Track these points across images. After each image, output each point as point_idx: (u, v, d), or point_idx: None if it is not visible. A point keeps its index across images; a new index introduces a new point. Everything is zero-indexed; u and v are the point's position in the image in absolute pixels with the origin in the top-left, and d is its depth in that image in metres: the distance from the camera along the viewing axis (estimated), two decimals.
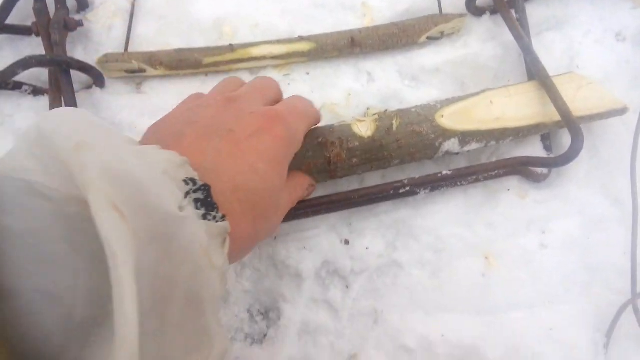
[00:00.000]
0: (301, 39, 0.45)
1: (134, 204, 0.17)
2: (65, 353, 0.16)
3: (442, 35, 0.48)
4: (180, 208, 0.21)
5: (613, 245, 0.44)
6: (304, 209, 0.40)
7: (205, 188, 0.23)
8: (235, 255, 0.27)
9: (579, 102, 0.43)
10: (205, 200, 0.23)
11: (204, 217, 0.22)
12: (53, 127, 0.19)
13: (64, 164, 0.18)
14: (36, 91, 0.44)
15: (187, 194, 0.22)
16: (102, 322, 0.16)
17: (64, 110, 0.22)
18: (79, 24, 0.43)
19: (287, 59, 0.45)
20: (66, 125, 0.19)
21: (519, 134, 0.43)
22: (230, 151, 0.27)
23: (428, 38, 0.48)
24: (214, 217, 0.23)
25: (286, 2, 0.48)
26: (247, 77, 0.46)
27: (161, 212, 0.19)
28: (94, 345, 0.16)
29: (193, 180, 0.22)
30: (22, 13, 0.44)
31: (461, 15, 0.48)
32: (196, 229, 0.21)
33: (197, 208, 0.22)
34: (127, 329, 0.15)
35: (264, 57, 0.44)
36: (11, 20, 0.43)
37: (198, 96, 0.34)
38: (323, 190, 0.43)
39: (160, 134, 0.28)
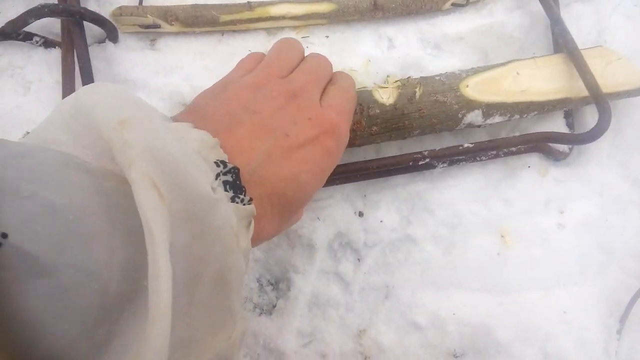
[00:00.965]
0: None
1: (172, 184, 0.18)
2: (99, 328, 0.15)
3: (467, 2, 0.46)
4: (213, 189, 0.21)
5: (631, 228, 0.43)
6: None
7: (235, 171, 0.23)
8: (255, 246, 0.27)
9: (607, 78, 0.41)
10: (234, 183, 0.23)
11: (232, 199, 0.22)
12: (93, 102, 0.19)
13: (104, 140, 0.18)
14: (47, 43, 0.41)
15: (217, 175, 0.22)
16: (134, 298, 0.16)
17: (103, 86, 0.21)
18: None
19: (306, 20, 0.43)
20: (107, 100, 0.19)
21: (544, 108, 0.41)
22: (280, 157, 0.26)
23: (453, 4, 0.45)
24: (242, 200, 0.23)
25: None
26: (264, 37, 0.44)
27: (196, 193, 0.19)
28: (127, 321, 0.16)
29: (224, 163, 0.22)
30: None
31: None
32: (227, 211, 0.21)
33: (226, 190, 0.22)
34: (161, 308, 0.15)
35: (282, 17, 0.42)
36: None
37: (259, 69, 0.32)
38: None
39: (214, 110, 0.27)
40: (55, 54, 0.42)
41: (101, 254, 0.16)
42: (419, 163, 0.40)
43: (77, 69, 0.40)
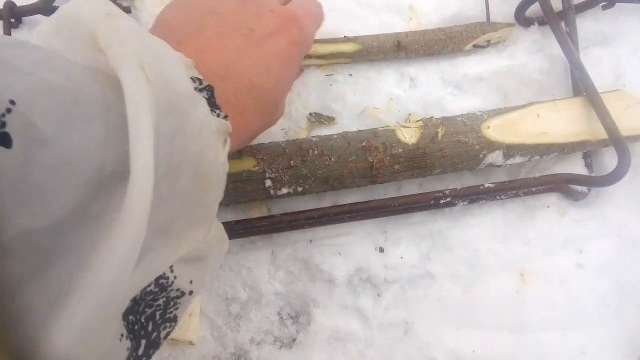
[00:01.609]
0: (347, 39, 0.44)
1: (157, 75, 0.18)
2: (95, 201, 0.16)
3: (488, 43, 0.47)
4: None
5: None
6: (341, 214, 0.39)
7: (210, 89, 0.23)
8: (240, 145, 0.29)
9: (626, 121, 0.42)
10: (210, 100, 0.23)
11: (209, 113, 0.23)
12: (79, 4, 0.20)
13: (91, 33, 0.19)
14: None
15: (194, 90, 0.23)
16: (127, 177, 0.16)
17: None
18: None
19: (331, 59, 0.44)
20: (94, 2, 0.20)
21: (563, 149, 0.42)
22: (249, 50, 0.27)
23: (474, 46, 0.46)
24: (218, 115, 0.23)
25: (332, 0, 0.47)
26: None
27: (180, 88, 0.20)
28: (120, 196, 0.16)
29: (199, 80, 0.23)
30: None
31: (509, 25, 0.47)
32: (207, 111, 0.22)
33: None
34: (142, 169, 0.16)
35: (309, 56, 0.43)
36: None
37: None
38: (360, 194, 0.42)
39: (180, 19, 0.28)
40: None
41: (98, 132, 0.16)
42: (441, 202, 0.40)
43: None
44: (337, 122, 0.44)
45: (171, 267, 0.21)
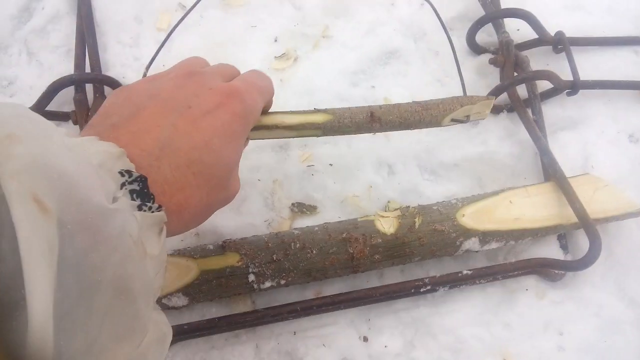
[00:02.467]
0: (317, 110, 0.42)
1: (62, 196, 0.18)
2: None
3: (467, 118, 0.45)
4: (115, 199, 0.21)
5: (629, 349, 0.43)
6: (324, 305, 0.40)
7: (141, 179, 0.23)
8: (189, 222, 0.28)
9: (595, 204, 0.44)
10: (141, 191, 0.23)
11: (140, 207, 0.23)
12: None
13: None
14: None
15: (122, 185, 0.22)
16: (23, 306, 0.16)
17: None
18: None
19: (300, 131, 0.41)
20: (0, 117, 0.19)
21: (537, 234, 0.43)
22: (186, 128, 0.27)
23: (452, 120, 0.44)
24: (150, 208, 0.23)
25: (312, 95, 0.50)
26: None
27: (90, 205, 0.19)
28: (17, 328, 0.16)
29: (129, 172, 0.23)
30: (60, 99, 0.46)
31: (487, 98, 0.44)
32: (126, 220, 0.21)
33: (132, 199, 0.23)
34: (38, 310, 0.16)
35: (276, 127, 0.40)
36: (50, 106, 0.45)
37: (160, 72, 0.34)
38: (342, 283, 0.43)
39: (119, 104, 0.29)
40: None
41: None
42: (421, 290, 0.41)
43: None
44: (319, 211, 0.45)
45: None
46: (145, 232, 0.23)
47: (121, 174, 0.23)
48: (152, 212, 0.24)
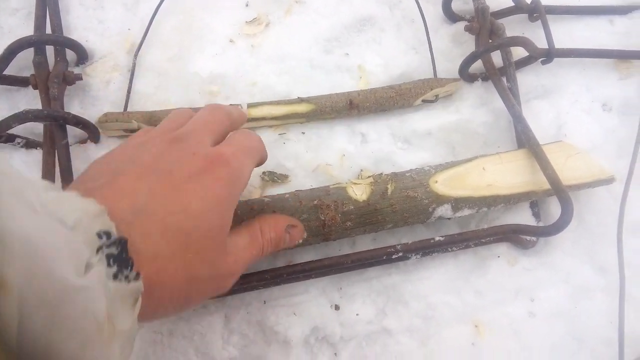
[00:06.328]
0: (301, 100, 0.45)
1: (24, 270, 0.17)
2: None
3: (436, 98, 0.49)
4: (88, 266, 0.20)
5: (599, 315, 0.44)
6: (295, 274, 0.39)
7: (121, 242, 0.22)
8: (165, 303, 0.26)
9: (567, 171, 0.44)
10: (120, 256, 0.22)
11: (115, 275, 0.21)
12: None
13: None
14: (29, 144, 0.43)
15: (99, 248, 0.21)
16: None
17: None
18: (78, 77, 0.43)
19: (286, 120, 0.45)
20: None
21: (509, 200, 0.43)
22: (163, 192, 0.26)
23: (423, 101, 0.48)
24: (126, 277, 0.22)
25: (284, 62, 0.48)
26: None
27: (52, 279, 0.18)
28: None
29: (107, 234, 0.21)
30: (20, 63, 0.44)
31: (455, 80, 0.49)
32: (92, 299, 0.19)
33: (109, 265, 0.21)
34: None
35: (263, 118, 0.44)
36: (9, 70, 0.43)
37: (146, 131, 0.33)
38: (314, 252, 0.42)
39: (100, 170, 0.28)
40: (36, 155, 0.43)
41: None
42: (393, 257, 0.41)
43: (57, 170, 0.41)
44: (290, 180, 0.45)
45: None
46: (117, 305, 0.21)
47: (99, 235, 0.21)
48: (129, 281, 0.22)
